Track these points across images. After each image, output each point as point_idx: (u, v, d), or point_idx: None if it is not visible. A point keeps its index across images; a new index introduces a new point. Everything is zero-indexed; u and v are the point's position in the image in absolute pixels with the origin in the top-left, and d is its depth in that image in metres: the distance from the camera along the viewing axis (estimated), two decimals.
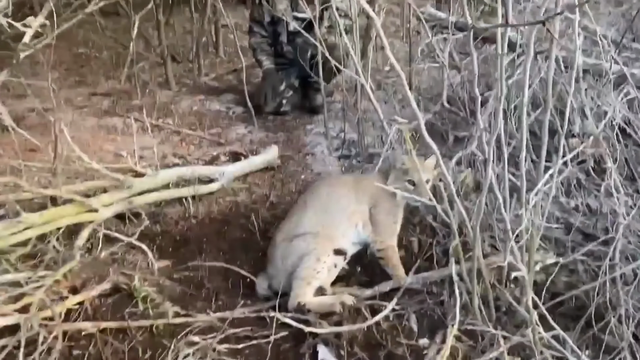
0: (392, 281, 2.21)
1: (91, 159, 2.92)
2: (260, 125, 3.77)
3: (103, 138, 3.48)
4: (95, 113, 3.88)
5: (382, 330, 2.01)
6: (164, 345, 1.92)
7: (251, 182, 3.07)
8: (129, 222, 2.55)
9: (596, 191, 2.48)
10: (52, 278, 1.99)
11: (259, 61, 4.08)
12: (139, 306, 2.08)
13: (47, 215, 2.26)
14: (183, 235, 2.56)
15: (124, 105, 4.02)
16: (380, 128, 3.65)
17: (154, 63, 4.68)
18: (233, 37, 5.34)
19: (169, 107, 3.98)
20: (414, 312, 2.11)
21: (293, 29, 3.91)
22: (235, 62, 4.99)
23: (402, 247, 2.51)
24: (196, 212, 2.71)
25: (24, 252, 2.13)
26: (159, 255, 2.38)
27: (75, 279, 2.13)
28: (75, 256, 2.15)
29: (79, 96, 4.18)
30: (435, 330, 2.02)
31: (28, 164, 2.56)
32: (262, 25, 4.01)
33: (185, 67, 4.89)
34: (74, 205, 2.34)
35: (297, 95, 4.11)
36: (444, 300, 2.14)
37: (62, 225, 2.27)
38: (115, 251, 2.34)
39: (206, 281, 2.25)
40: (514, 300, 1.92)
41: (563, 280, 2.23)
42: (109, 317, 2.03)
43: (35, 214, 2.23)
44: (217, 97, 4.24)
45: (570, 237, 2.36)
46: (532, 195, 1.68)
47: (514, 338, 1.82)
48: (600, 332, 1.93)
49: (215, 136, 3.60)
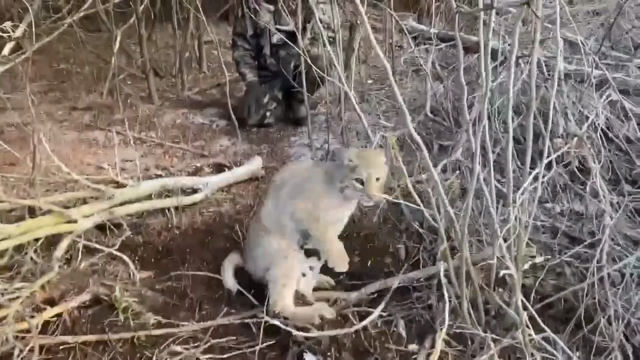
0: (379, 282, 2.18)
1: (72, 172, 2.88)
2: (244, 137, 3.74)
3: (84, 151, 3.43)
4: (76, 127, 3.82)
5: (370, 336, 1.98)
6: (146, 356, 1.86)
7: (235, 192, 3.03)
8: (109, 233, 2.48)
9: (581, 193, 2.49)
10: (29, 290, 1.92)
11: (242, 74, 4.07)
12: (119, 317, 2.02)
13: (25, 226, 2.19)
14: (166, 245, 2.50)
15: (105, 119, 3.97)
16: (364, 138, 3.65)
17: (136, 78, 4.65)
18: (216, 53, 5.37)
19: (152, 121, 3.94)
20: (402, 317, 2.08)
21: (276, 42, 3.93)
22: (219, 77, 4.99)
23: (389, 253, 2.50)
24: (179, 223, 2.66)
25: (0, 263, 2.05)
26: (140, 266, 2.32)
27: (54, 290, 2.06)
28: (53, 267, 2.09)
29: (59, 110, 4.12)
30: (424, 335, 1.99)
31: (6, 175, 2.49)
32: (245, 39, 4.01)
33: (168, 82, 4.86)
34: (52, 216, 2.28)
35: (280, 108, 4.09)
36: (432, 304, 2.12)
37: (41, 236, 2.21)
38: (95, 262, 2.28)
39: (189, 291, 2.20)
40: (503, 303, 1.90)
41: (551, 283, 2.22)
42: (88, 329, 1.97)
43: (13, 225, 2.17)
44: (200, 111, 4.21)
45: (556, 241, 2.36)
46: (518, 195, 1.68)
47: (504, 341, 1.80)
48: (590, 333, 1.92)
49: (199, 148, 3.56)
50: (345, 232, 2.63)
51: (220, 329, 2.00)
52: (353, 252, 2.51)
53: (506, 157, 1.64)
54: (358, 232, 2.64)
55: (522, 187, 1.74)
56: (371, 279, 2.25)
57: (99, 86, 4.45)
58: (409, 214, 2.66)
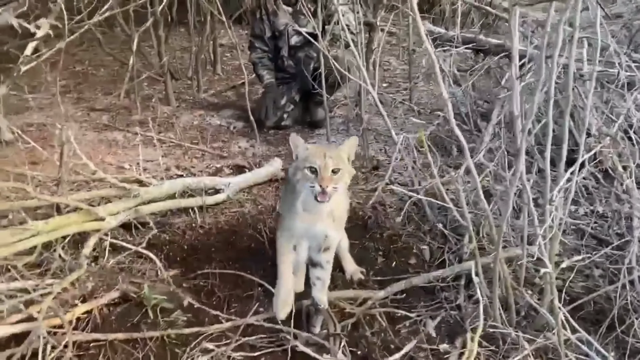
0: (404, 281, 2.17)
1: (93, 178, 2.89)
2: (261, 139, 3.75)
3: (104, 151, 3.44)
4: (95, 127, 3.84)
5: (400, 336, 1.97)
6: (177, 354, 1.86)
7: (256, 193, 3.03)
8: (135, 232, 2.49)
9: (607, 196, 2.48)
10: (59, 286, 1.92)
11: (260, 76, 4.08)
12: (149, 315, 2.02)
13: (54, 223, 2.20)
14: (191, 244, 2.50)
15: (123, 120, 3.98)
16: (382, 140, 3.66)
17: (153, 80, 4.66)
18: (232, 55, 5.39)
19: (170, 122, 3.95)
20: (430, 317, 2.07)
21: (294, 43, 3.95)
22: (233, 80, 5.02)
23: (413, 254, 2.49)
24: (203, 222, 2.66)
25: (30, 260, 2.05)
26: (167, 265, 2.32)
27: (83, 287, 2.06)
28: (82, 265, 2.09)
29: (78, 111, 4.14)
30: (454, 335, 1.98)
31: (32, 174, 2.49)
32: (263, 41, 4.02)
33: (184, 84, 4.88)
34: (80, 213, 2.29)
35: (298, 110, 4.10)
36: (460, 305, 2.11)
37: (69, 233, 2.22)
38: (122, 260, 2.28)
39: (217, 290, 2.20)
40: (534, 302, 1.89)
41: (579, 284, 2.21)
42: (117, 326, 1.97)
43: (41, 222, 2.17)
44: (217, 113, 4.22)
45: (583, 242, 2.35)
46: (555, 192, 1.67)
47: (538, 340, 1.79)
48: (623, 334, 1.90)
49: (218, 150, 3.56)
50: (368, 232, 2.66)
51: (249, 328, 2.00)
52: (377, 253, 2.52)
53: (545, 157, 1.63)
54: (381, 233, 2.63)
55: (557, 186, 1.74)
56: (396, 273, 2.25)
57: (115, 89, 4.47)
58: (432, 215, 2.67)
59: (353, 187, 3.11)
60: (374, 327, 2.02)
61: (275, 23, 3.94)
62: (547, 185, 1.62)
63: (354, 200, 2.89)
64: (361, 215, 2.77)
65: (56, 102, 4.07)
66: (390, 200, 2.87)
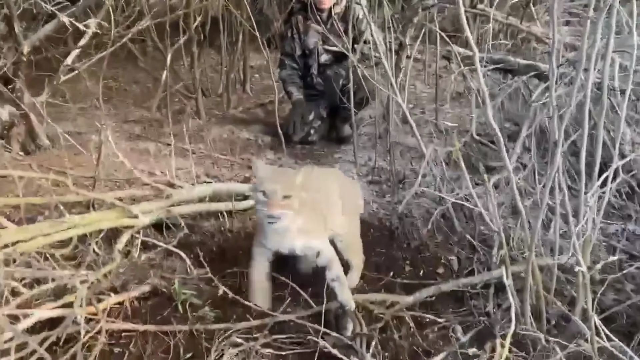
0: (433, 287, 2.17)
1: (127, 177, 2.97)
2: (288, 152, 3.81)
3: (136, 159, 3.51)
4: (128, 137, 3.94)
5: (428, 340, 1.96)
6: (205, 347, 1.88)
7: None
8: (166, 232, 2.53)
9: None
10: (94, 276, 1.96)
11: (289, 92, 4.16)
12: (178, 310, 2.05)
13: (89, 218, 2.26)
14: (219, 246, 2.54)
15: (155, 132, 4.08)
16: (408, 156, 3.69)
17: (184, 96, 4.78)
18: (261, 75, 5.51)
19: (200, 134, 4.03)
20: (459, 323, 2.06)
21: (324, 61, 4.04)
22: (262, 98, 5.11)
23: (441, 264, 2.49)
24: (231, 227, 2.70)
25: (65, 252, 2.10)
26: (196, 264, 2.35)
27: (115, 280, 2.11)
28: (115, 258, 2.14)
29: (111, 122, 4.25)
30: (483, 340, 1.96)
31: (70, 172, 2.57)
32: (293, 58, 4.12)
33: (214, 100, 4.99)
34: (114, 210, 2.34)
35: (324, 126, 4.16)
36: (489, 312, 2.09)
37: (103, 228, 2.27)
38: (153, 257, 2.33)
39: (244, 289, 2.21)
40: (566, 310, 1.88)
41: (611, 298, 2.19)
42: (148, 319, 1.99)
43: (77, 216, 2.23)
44: (246, 127, 4.30)
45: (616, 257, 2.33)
46: (589, 196, 1.68)
47: (570, 346, 1.76)
48: None
49: (246, 161, 3.63)
50: (395, 242, 2.66)
51: (277, 325, 2.01)
52: (404, 262, 2.52)
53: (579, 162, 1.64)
54: (408, 243, 2.64)
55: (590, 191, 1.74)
56: (424, 284, 2.24)
57: (147, 103, 4.60)
58: (461, 226, 2.67)
59: (379, 200, 3.14)
60: (402, 331, 2.02)
61: (305, 42, 4.05)
62: (581, 182, 1.63)
63: (381, 211, 2.91)
64: (388, 225, 2.79)
65: (91, 112, 4.27)
66: (418, 212, 2.87)
